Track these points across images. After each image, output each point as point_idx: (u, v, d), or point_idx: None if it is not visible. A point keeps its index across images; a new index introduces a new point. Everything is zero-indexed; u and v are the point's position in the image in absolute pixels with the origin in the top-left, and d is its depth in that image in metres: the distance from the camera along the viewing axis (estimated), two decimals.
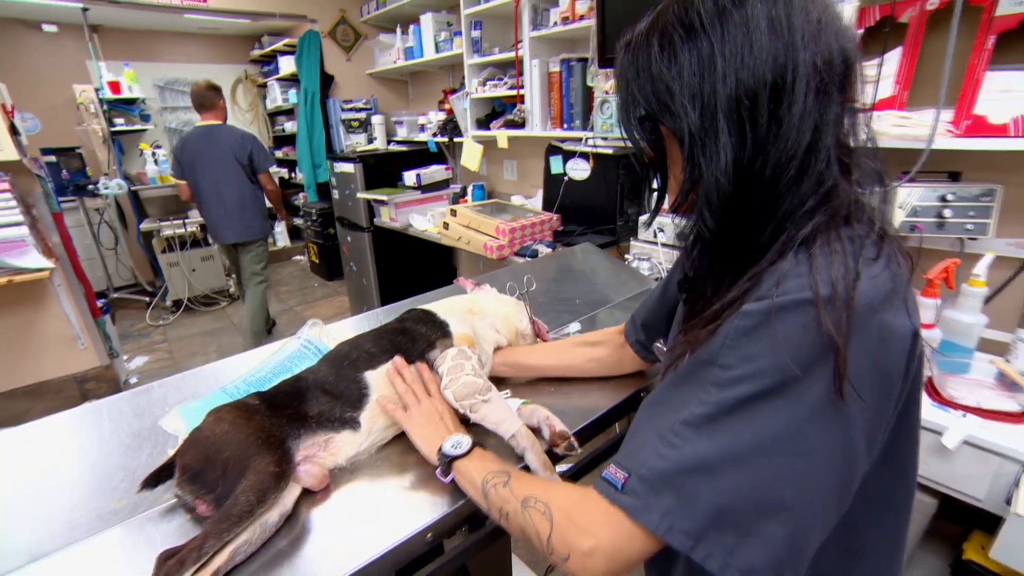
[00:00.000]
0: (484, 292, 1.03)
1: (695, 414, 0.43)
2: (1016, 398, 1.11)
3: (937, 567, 1.34)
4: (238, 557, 0.59)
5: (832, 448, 0.41)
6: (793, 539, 0.41)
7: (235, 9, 3.49)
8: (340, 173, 3.35)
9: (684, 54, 0.45)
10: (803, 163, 0.44)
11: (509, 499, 0.55)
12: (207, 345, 3.62)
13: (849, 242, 0.42)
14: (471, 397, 0.74)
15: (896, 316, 0.41)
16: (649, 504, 0.43)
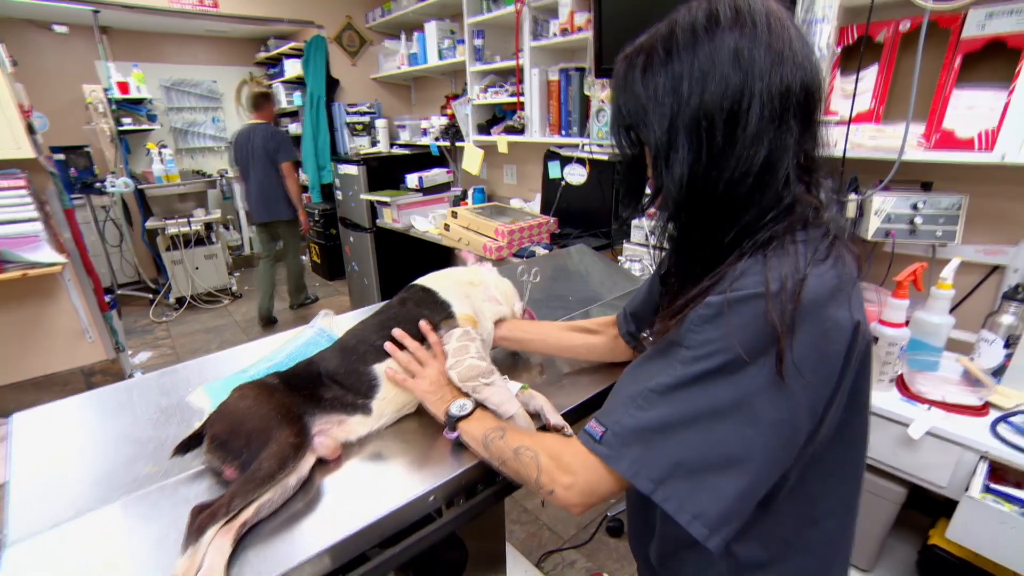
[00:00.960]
0: (485, 268, 1.02)
1: (661, 384, 0.52)
2: (978, 393, 1.19)
3: (907, 554, 1.42)
4: (262, 513, 0.66)
5: (775, 418, 0.49)
6: (737, 491, 0.50)
7: (245, 15, 3.58)
8: (344, 175, 3.43)
9: (660, 74, 0.52)
10: (759, 179, 0.50)
11: (504, 449, 0.64)
12: (210, 342, 3.69)
13: (802, 245, 0.50)
14: (475, 380, 0.78)
15: (839, 309, 0.48)
16: (620, 454, 0.53)
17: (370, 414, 0.81)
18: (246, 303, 4.38)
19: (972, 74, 1.29)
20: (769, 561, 0.61)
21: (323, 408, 0.77)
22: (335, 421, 0.78)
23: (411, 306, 0.87)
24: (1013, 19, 1.19)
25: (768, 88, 0.48)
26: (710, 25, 0.50)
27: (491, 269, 1.02)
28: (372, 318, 0.90)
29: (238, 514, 0.64)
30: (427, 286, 0.91)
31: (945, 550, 1.22)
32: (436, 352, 0.82)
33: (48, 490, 0.74)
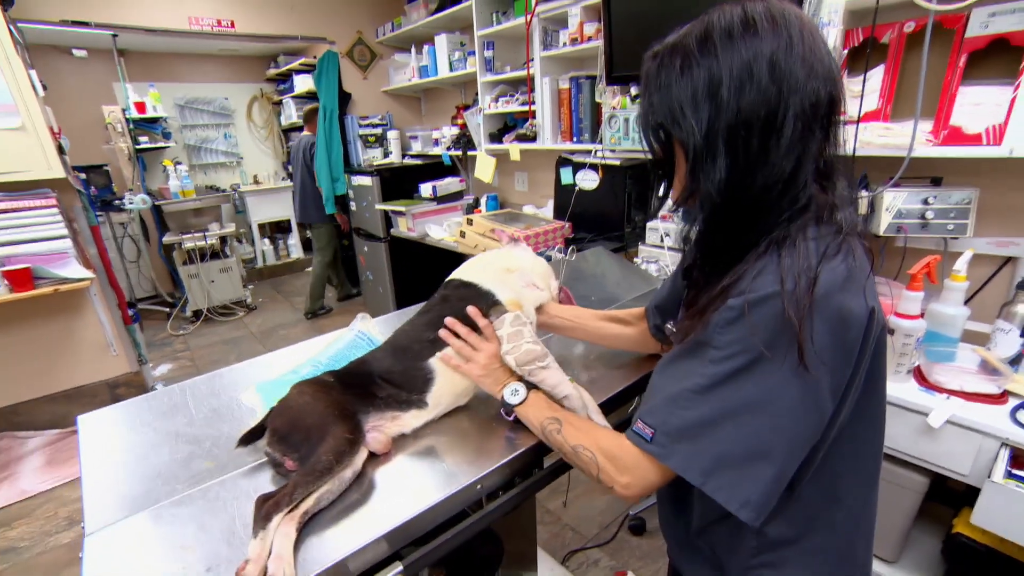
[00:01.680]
0: (519, 249, 0.99)
1: (698, 384, 0.56)
2: (996, 381, 1.22)
3: (931, 545, 1.43)
4: (322, 503, 0.71)
5: (802, 405, 0.53)
6: (775, 475, 0.55)
7: (260, 33, 3.68)
8: (358, 186, 3.50)
9: (699, 77, 0.53)
10: (785, 186, 0.54)
11: (563, 444, 0.70)
12: (228, 353, 3.75)
13: (813, 243, 0.53)
14: (531, 364, 0.79)
15: (853, 299, 0.52)
16: (671, 451, 0.57)
17: (425, 407, 0.85)
18: (261, 315, 4.45)
19: (977, 71, 1.33)
20: (796, 537, 0.65)
21: (377, 406, 0.82)
22: (389, 417, 0.83)
23: (455, 301, 0.88)
24: (1015, 18, 1.23)
25: (801, 102, 0.51)
26: (747, 31, 0.52)
27: (525, 249, 1.00)
28: (419, 317, 0.91)
29: (300, 503, 0.68)
30: (466, 279, 0.91)
31: (970, 538, 1.24)
32: (488, 336, 0.83)
33: (117, 485, 0.79)
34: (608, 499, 2.10)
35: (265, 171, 5.56)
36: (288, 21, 3.77)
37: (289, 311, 4.50)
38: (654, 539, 1.90)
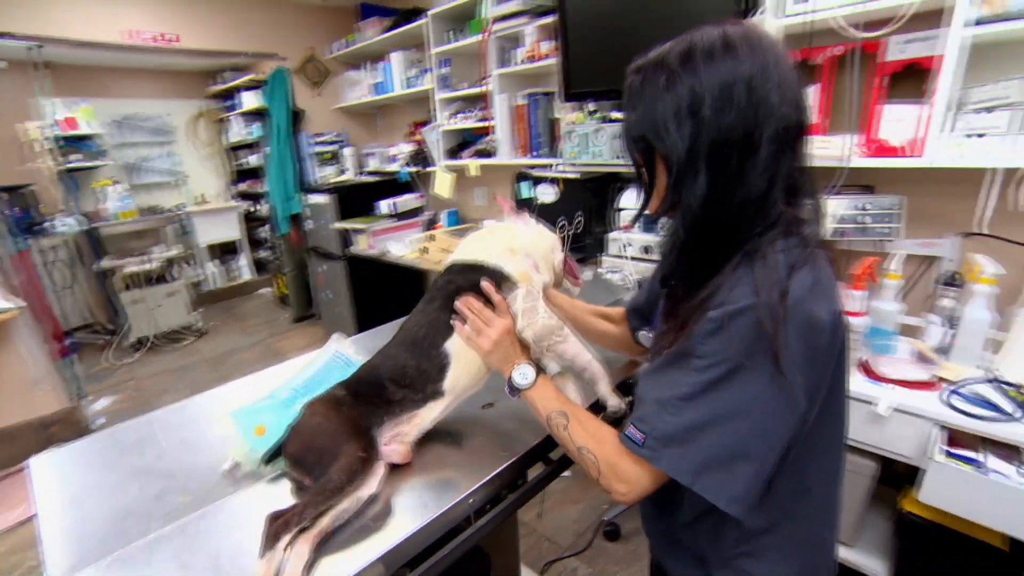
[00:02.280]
0: (523, 223, 0.93)
1: (684, 393, 0.59)
2: (929, 370, 1.33)
3: (883, 525, 1.54)
4: (338, 522, 0.70)
5: (780, 408, 0.57)
6: (757, 472, 0.59)
7: (207, 49, 3.56)
8: (313, 204, 3.43)
9: (682, 93, 0.55)
10: (760, 203, 0.58)
11: (568, 442, 0.71)
12: (177, 381, 3.55)
13: (782, 255, 0.57)
14: (549, 338, 0.79)
15: (819, 305, 0.56)
16: (661, 455, 0.60)
17: (441, 396, 0.83)
18: (213, 340, 4.24)
19: (897, 91, 1.47)
20: (771, 528, 0.70)
21: (391, 413, 0.81)
22: (405, 420, 0.82)
23: (463, 283, 0.84)
24: (925, 45, 1.38)
25: (775, 125, 0.55)
26: (727, 53, 0.54)
27: (528, 222, 0.93)
28: (427, 305, 0.87)
29: (316, 523, 0.67)
30: (469, 261, 0.86)
31: (917, 515, 1.34)
32: (502, 310, 0.81)
33: (82, 526, 0.74)
34: (581, 507, 2.13)
35: (212, 190, 5.34)
36: (236, 37, 3.66)
37: (242, 335, 4.32)
38: (629, 543, 1.93)
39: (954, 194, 1.51)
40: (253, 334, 4.26)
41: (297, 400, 0.90)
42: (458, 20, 2.75)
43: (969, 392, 1.25)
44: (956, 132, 1.36)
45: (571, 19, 2.00)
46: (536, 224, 0.93)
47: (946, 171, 1.42)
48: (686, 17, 1.73)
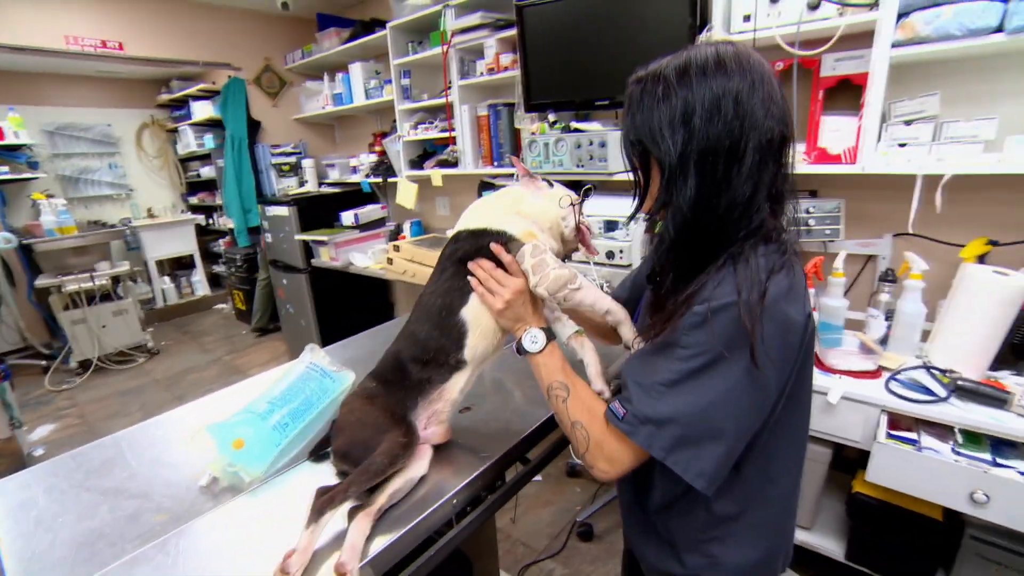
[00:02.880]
0: (533, 187, 0.90)
1: (667, 379, 0.64)
2: (872, 360, 1.44)
3: (838, 507, 1.64)
4: (393, 500, 0.76)
5: (752, 397, 0.63)
6: (726, 453, 0.64)
7: (155, 57, 3.43)
8: (273, 216, 3.35)
9: (676, 104, 0.60)
10: (744, 208, 0.63)
11: (565, 414, 0.73)
12: (127, 405, 3.37)
13: (763, 259, 0.63)
14: (563, 289, 0.77)
15: (793, 306, 0.62)
16: (638, 431, 0.65)
17: (464, 365, 0.84)
18: (166, 359, 4.05)
19: (835, 104, 1.60)
20: (738, 514, 0.75)
21: (423, 393, 0.82)
22: (435, 397, 0.83)
23: (470, 251, 0.84)
24: (855, 63, 1.51)
25: (759, 137, 0.60)
26: (718, 69, 0.60)
27: (537, 191, 0.89)
28: (438, 276, 0.87)
29: (374, 501, 0.73)
30: (473, 228, 0.86)
31: (866, 495, 1.44)
32: (513, 270, 0.81)
33: (50, 552, 0.72)
34: (554, 510, 2.16)
35: (161, 204, 5.11)
36: (187, 45, 3.55)
37: (198, 353, 4.14)
38: (602, 542, 1.97)
39: (888, 198, 1.65)
40: (211, 351, 4.10)
41: (274, 412, 0.89)
42: (419, 32, 2.78)
43: (906, 378, 1.36)
44: (885, 142, 1.49)
45: (530, 33, 2.06)
46: (548, 190, 0.90)
47: (879, 177, 1.55)
48: (640, 32, 1.82)
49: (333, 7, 3.56)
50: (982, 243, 1.44)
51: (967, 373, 1.31)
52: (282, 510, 0.78)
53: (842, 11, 1.43)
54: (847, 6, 1.42)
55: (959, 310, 1.36)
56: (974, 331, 1.33)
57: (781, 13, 1.50)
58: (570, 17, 1.94)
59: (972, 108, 1.48)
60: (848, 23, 1.42)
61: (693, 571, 0.78)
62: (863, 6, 1.40)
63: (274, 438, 0.88)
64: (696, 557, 0.77)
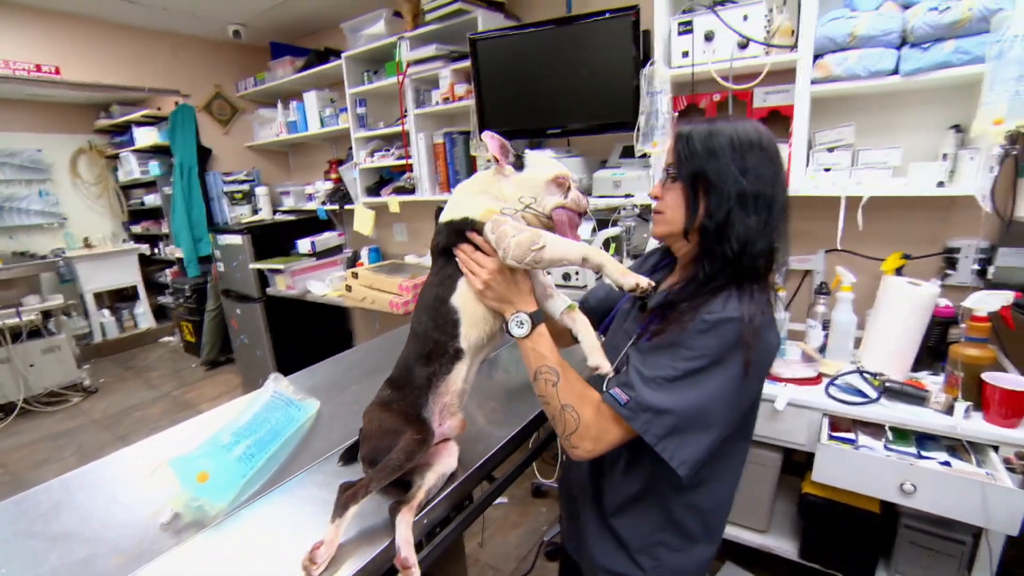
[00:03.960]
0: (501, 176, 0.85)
1: (668, 375, 0.72)
2: (813, 367, 1.56)
3: (791, 511, 1.73)
4: (430, 495, 0.82)
5: (736, 399, 0.73)
6: (708, 446, 0.73)
7: (97, 83, 3.31)
8: (225, 245, 3.25)
9: (731, 160, 0.73)
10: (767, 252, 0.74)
11: (554, 398, 0.77)
12: (60, 450, 3.13)
13: (759, 293, 0.74)
14: (528, 253, 0.76)
15: (773, 336, 0.75)
16: (637, 416, 0.72)
17: (463, 356, 0.85)
18: (106, 398, 3.80)
19: None
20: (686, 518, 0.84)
21: (432, 388, 0.84)
22: (445, 391, 0.85)
23: (442, 240, 0.86)
24: (782, 96, 1.66)
25: (780, 202, 0.74)
26: (759, 142, 0.74)
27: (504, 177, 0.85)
28: (432, 271, 0.89)
29: (414, 498, 0.80)
30: (444, 219, 0.87)
31: (814, 495, 1.53)
32: (487, 251, 0.81)
33: None
34: (521, 532, 2.16)
35: (100, 233, 4.85)
36: (131, 71, 3.43)
37: (144, 389, 3.91)
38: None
39: (819, 217, 1.80)
40: (157, 387, 3.88)
41: (239, 443, 0.88)
42: (374, 62, 2.83)
43: (842, 383, 1.47)
44: (812, 167, 1.64)
45: (483, 64, 2.15)
46: (516, 175, 0.85)
47: (810, 198, 1.69)
48: (587, 65, 1.93)
49: (286, 36, 3.56)
50: (898, 257, 1.59)
51: (894, 375, 1.44)
52: (250, 541, 0.77)
53: (768, 51, 1.58)
54: (771, 46, 1.57)
55: (883, 318, 1.49)
56: (897, 336, 1.46)
57: (716, 50, 1.65)
58: (522, 50, 2.04)
59: (882, 138, 1.65)
60: (773, 61, 1.57)
61: (646, 571, 0.85)
62: (784, 47, 1.56)
63: (240, 469, 0.87)
64: (645, 558, 0.85)
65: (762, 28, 1.58)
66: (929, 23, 1.35)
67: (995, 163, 1.39)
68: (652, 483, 0.83)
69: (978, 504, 1.16)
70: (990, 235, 1.57)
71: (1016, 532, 1.14)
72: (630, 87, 1.85)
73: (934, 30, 1.35)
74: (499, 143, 0.84)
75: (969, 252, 1.61)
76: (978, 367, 1.29)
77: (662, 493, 0.83)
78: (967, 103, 1.50)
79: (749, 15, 1.57)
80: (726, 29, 1.60)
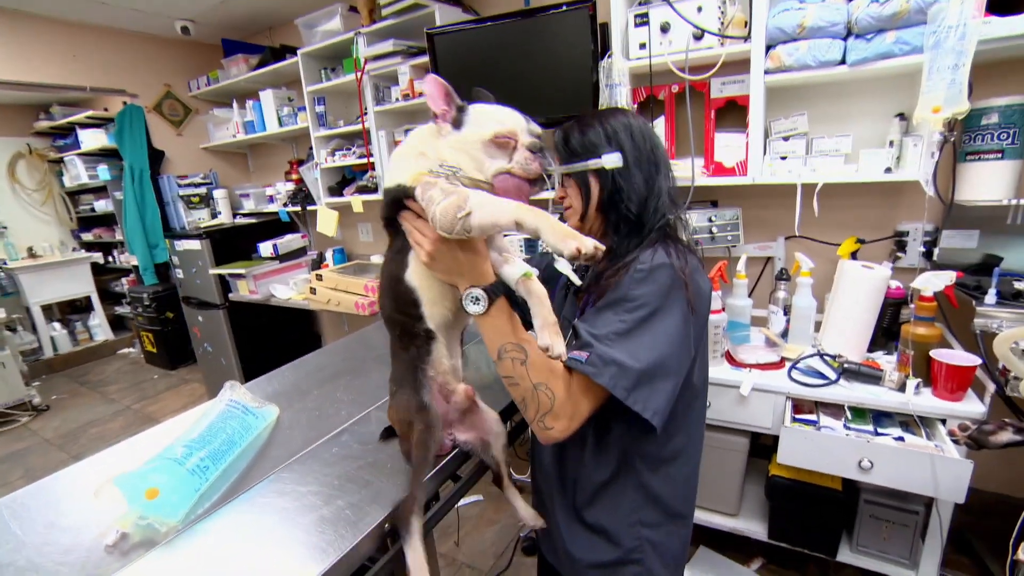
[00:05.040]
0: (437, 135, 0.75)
1: (619, 328, 0.73)
2: (776, 352, 1.59)
3: (759, 493, 1.77)
4: (503, 460, 0.94)
5: (687, 339, 0.75)
6: (672, 389, 0.74)
7: (32, 82, 3.12)
8: (183, 251, 3.13)
9: (612, 129, 0.80)
10: (659, 202, 0.80)
11: (524, 377, 0.72)
12: (7, 473, 2.95)
13: (681, 247, 0.78)
14: (455, 223, 0.66)
15: (703, 280, 0.78)
16: (603, 372, 0.71)
17: (435, 337, 0.82)
18: (58, 415, 3.61)
19: (724, 122, 1.78)
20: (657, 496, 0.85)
21: (419, 369, 0.83)
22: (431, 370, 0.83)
23: (384, 211, 0.79)
24: (738, 86, 1.69)
25: (662, 160, 0.82)
26: (626, 120, 0.82)
27: (441, 136, 0.75)
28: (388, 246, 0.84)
29: (501, 474, 0.94)
30: (383, 187, 0.80)
31: (781, 476, 1.57)
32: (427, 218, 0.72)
33: None
34: (497, 529, 2.15)
35: (45, 242, 4.60)
36: (71, 69, 3.25)
37: (101, 403, 3.73)
38: None
39: (778, 204, 1.84)
40: (116, 401, 3.71)
41: (192, 455, 0.84)
42: (332, 59, 2.76)
43: (804, 366, 1.51)
44: (769, 155, 1.68)
45: (442, 59, 2.12)
46: (453, 135, 0.74)
47: (768, 186, 1.73)
48: (545, 58, 1.92)
49: (239, 33, 3.44)
50: (852, 241, 1.64)
51: (851, 356, 1.49)
52: (204, 557, 0.73)
53: (722, 42, 1.61)
54: (725, 37, 1.60)
55: (840, 301, 1.54)
56: (853, 319, 1.51)
57: (672, 42, 1.66)
58: (479, 44, 2.02)
59: (833, 126, 1.70)
60: (728, 52, 1.59)
61: (627, 553, 0.85)
62: (738, 38, 1.58)
63: (193, 483, 0.83)
64: (628, 540, 0.85)
65: (716, 19, 1.60)
66: (871, 15, 1.39)
67: (936, 149, 1.45)
68: (624, 461, 0.83)
69: (928, 475, 1.21)
70: (934, 218, 1.64)
71: (962, 500, 1.19)
72: (589, 80, 1.85)
73: (876, 21, 1.39)
74: (441, 89, 0.73)
75: (916, 235, 1.68)
76: (927, 345, 1.34)
77: (635, 470, 0.83)
78: (909, 92, 1.55)
79: (703, 6, 1.59)
80: (682, 21, 1.61)
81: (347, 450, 0.96)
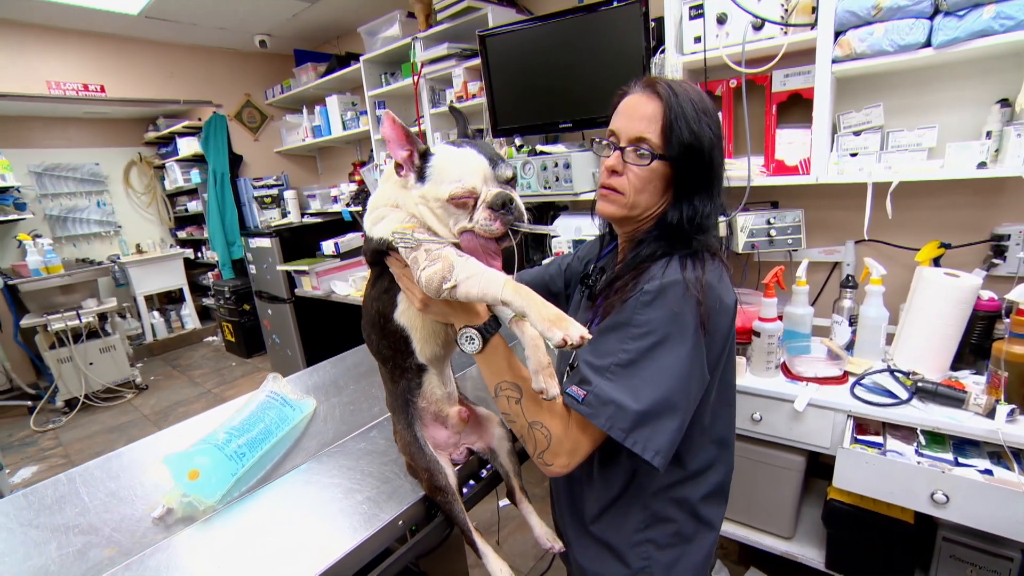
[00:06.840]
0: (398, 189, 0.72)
1: (621, 359, 0.67)
2: (838, 365, 1.46)
3: (814, 515, 1.64)
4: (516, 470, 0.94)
5: (698, 368, 0.68)
6: (678, 428, 0.68)
7: (136, 98, 3.51)
8: (256, 248, 3.38)
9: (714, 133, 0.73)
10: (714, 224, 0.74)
11: (519, 415, 0.70)
12: (114, 443, 3.34)
13: (699, 258, 0.71)
14: (442, 289, 0.64)
15: (726, 293, 0.70)
16: (600, 412, 0.66)
17: (426, 369, 0.82)
18: (154, 394, 4.03)
19: (786, 117, 1.65)
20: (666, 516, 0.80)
21: (409, 403, 0.84)
22: (422, 402, 0.85)
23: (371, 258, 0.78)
24: (802, 78, 1.56)
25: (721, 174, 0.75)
26: (711, 108, 0.74)
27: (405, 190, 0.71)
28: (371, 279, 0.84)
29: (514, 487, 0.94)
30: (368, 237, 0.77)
31: (840, 501, 1.44)
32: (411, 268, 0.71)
33: None
34: None
35: (150, 239, 5.14)
36: (167, 85, 3.63)
37: (188, 386, 4.12)
38: None
39: (846, 205, 1.69)
40: (200, 384, 4.07)
41: (232, 441, 0.90)
42: (391, 64, 2.86)
43: (870, 382, 1.37)
44: (837, 152, 1.54)
45: (493, 61, 2.13)
46: (416, 189, 0.69)
47: (835, 186, 1.59)
48: (598, 56, 1.88)
49: (309, 43, 3.66)
50: (935, 246, 1.47)
51: (929, 374, 1.33)
52: (234, 536, 0.78)
53: (785, 30, 1.49)
54: (789, 26, 1.48)
55: (917, 312, 1.38)
56: (932, 332, 1.35)
57: (728, 34, 1.56)
58: (531, 44, 2.01)
59: (915, 118, 1.53)
60: (791, 41, 1.48)
61: (635, 574, 0.81)
62: (803, 25, 1.46)
63: (230, 467, 0.89)
64: (634, 558, 0.81)
65: (778, 6, 1.49)
66: None
67: None
68: (633, 479, 0.79)
69: (1022, 517, 1.06)
70: None
71: None
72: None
73: None
74: (400, 131, 0.66)
75: (1020, 239, 1.47)
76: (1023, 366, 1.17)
77: (644, 488, 0.79)
78: (1014, 74, 1.36)
79: None
80: (740, 11, 1.51)
81: (374, 445, 0.99)
